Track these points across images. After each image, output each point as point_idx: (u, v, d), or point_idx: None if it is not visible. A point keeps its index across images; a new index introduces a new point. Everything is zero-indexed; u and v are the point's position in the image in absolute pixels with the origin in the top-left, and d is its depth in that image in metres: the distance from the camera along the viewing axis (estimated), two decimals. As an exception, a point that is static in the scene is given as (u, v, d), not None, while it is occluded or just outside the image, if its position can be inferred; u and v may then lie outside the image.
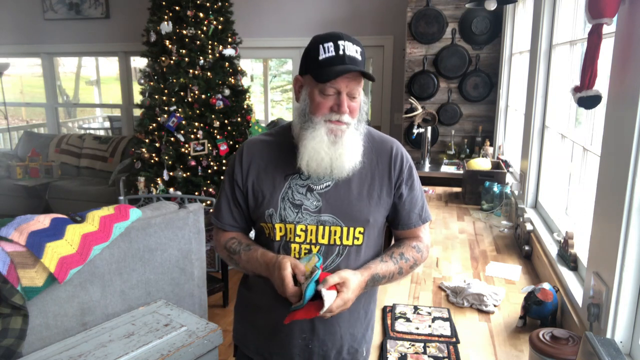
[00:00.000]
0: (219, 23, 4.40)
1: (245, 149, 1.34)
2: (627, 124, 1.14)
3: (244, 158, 1.32)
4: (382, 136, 1.36)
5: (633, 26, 1.14)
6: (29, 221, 2.25)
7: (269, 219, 1.27)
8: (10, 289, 2.02)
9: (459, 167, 3.90)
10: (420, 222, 1.36)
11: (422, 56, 4.25)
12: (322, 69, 1.18)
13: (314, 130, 1.21)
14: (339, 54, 1.18)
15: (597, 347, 0.99)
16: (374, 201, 1.29)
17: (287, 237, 1.27)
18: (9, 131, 6.68)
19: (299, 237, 1.26)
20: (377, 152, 1.31)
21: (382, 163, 1.31)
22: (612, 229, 1.20)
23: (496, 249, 2.22)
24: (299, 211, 1.26)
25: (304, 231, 1.26)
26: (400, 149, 1.35)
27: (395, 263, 1.31)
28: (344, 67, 1.17)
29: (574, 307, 1.48)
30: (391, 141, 1.36)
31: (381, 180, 1.30)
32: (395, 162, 1.31)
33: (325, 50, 1.19)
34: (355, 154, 1.23)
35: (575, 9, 2.10)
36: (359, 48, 1.23)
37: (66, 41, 6.08)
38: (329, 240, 1.26)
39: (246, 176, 1.31)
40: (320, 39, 1.22)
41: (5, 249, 2.09)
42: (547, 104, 2.34)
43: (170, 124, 4.25)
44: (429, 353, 1.38)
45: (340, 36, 1.21)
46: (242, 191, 1.32)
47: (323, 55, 1.19)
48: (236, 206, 1.34)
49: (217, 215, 1.38)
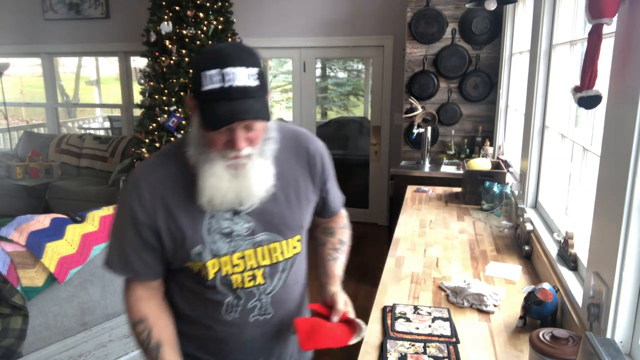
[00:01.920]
0: (219, 23, 4.41)
1: (142, 181, 1.10)
2: (627, 124, 1.14)
3: (144, 193, 1.08)
4: (296, 133, 1.25)
5: (633, 26, 1.14)
6: (29, 221, 2.25)
7: (197, 257, 1.11)
8: (10, 289, 2.02)
9: (459, 167, 3.90)
10: (341, 203, 1.39)
11: (422, 56, 4.25)
12: (207, 105, 0.99)
13: (211, 166, 1.05)
14: (224, 86, 0.97)
15: (597, 347, 0.99)
16: (303, 204, 1.23)
17: (223, 272, 1.14)
18: (9, 131, 6.68)
19: (238, 267, 1.15)
20: (295, 153, 1.22)
21: (301, 163, 1.22)
22: (612, 229, 1.20)
23: (496, 249, 2.22)
24: (231, 239, 1.13)
25: (242, 258, 1.15)
26: (316, 144, 1.26)
27: (342, 253, 1.40)
28: (230, 109, 0.97)
29: (574, 307, 1.48)
30: (306, 139, 1.26)
31: (305, 181, 1.23)
32: (315, 162, 1.24)
33: (208, 80, 0.97)
34: (264, 180, 1.09)
35: (575, 9, 2.10)
36: (254, 70, 1.00)
37: (66, 41, 6.08)
38: (270, 259, 1.18)
39: (153, 214, 1.09)
40: (204, 63, 0.99)
41: (5, 249, 2.09)
42: (547, 104, 2.34)
43: (170, 124, 4.25)
44: (429, 353, 1.38)
45: (226, 60, 0.97)
46: (152, 232, 1.10)
47: (206, 86, 0.98)
48: (147, 250, 1.12)
49: (122, 264, 1.13)
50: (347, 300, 1.25)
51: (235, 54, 0.99)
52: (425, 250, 2.19)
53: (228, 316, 1.19)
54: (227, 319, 1.20)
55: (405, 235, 2.39)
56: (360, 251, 4.68)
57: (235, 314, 1.20)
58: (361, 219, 5.51)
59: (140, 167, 1.15)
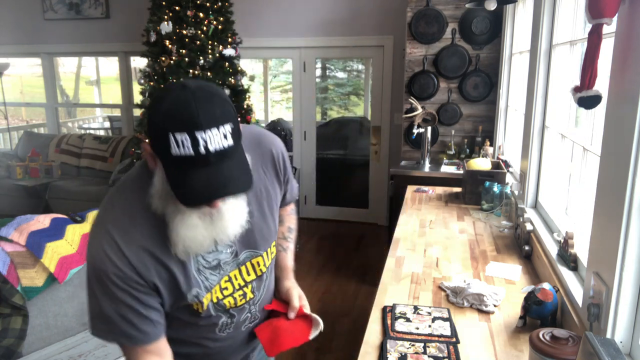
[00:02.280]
0: (219, 23, 4.41)
1: (121, 242, 0.97)
2: (627, 124, 1.14)
3: (128, 254, 0.97)
4: (257, 137, 1.19)
5: (633, 26, 1.14)
6: (29, 221, 2.25)
7: (195, 299, 1.07)
8: (10, 289, 2.02)
9: (459, 167, 3.90)
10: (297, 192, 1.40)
11: (422, 56, 4.25)
12: (178, 171, 0.88)
13: (180, 215, 0.96)
14: (199, 153, 0.85)
15: (597, 347, 0.99)
16: (275, 211, 1.22)
17: (214, 300, 1.11)
18: (9, 131, 6.68)
19: (227, 290, 1.12)
20: (260, 159, 1.17)
21: (268, 168, 1.19)
22: (612, 229, 1.20)
23: (496, 249, 2.22)
24: (219, 269, 1.10)
25: (229, 281, 1.12)
26: (277, 144, 1.21)
27: (292, 241, 1.42)
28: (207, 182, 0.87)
29: (574, 307, 1.48)
30: (268, 141, 1.20)
31: (273, 187, 1.21)
32: (280, 164, 1.21)
33: (178, 145, 0.84)
34: (240, 217, 1.02)
35: (575, 9, 2.10)
36: (228, 127, 0.88)
37: (66, 41, 6.08)
38: (255, 273, 1.18)
39: (146, 274, 0.99)
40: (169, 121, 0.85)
41: (5, 249, 2.09)
42: (547, 104, 2.34)
43: (170, 124, 4.25)
44: (429, 353, 1.38)
45: (196, 121, 0.84)
46: (149, 289, 1.01)
47: (176, 150, 0.85)
48: (151, 309, 1.02)
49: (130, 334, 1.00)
50: (301, 294, 1.29)
51: (204, 109, 0.85)
52: (425, 250, 2.19)
53: (223, 334, 1.19)
54: (222, 335, 1.19)
55: (405, 235, 2.39)
56: (360, 251, 4.68)
57: (229, 330, 1.19)
58: (361, 219, 5.51)
59: (108, 224, 0.98)
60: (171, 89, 0.89)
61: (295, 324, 1.22)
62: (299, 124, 5.50)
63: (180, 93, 0.87)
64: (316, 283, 3.96)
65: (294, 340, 1.19)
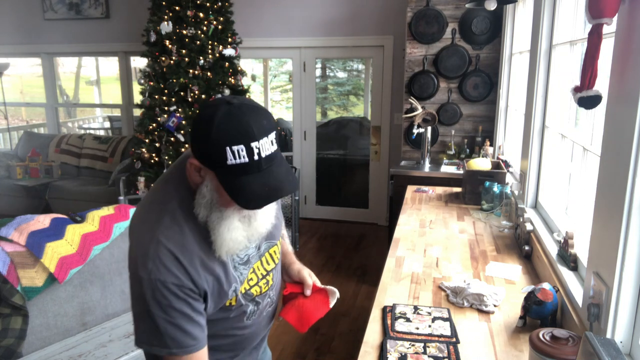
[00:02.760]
0: (219, 23, 4.41)
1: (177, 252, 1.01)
2: (627, 124, 1.14)
3: (185, 263, 1.02)
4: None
5: (633, 26, 1.14)
6: (29, 221, 2.25)
7: (233, 293, 1.13)
8: (10, 289, 2.02)
9: (459, 167, 3.90)
10: None
11: (422, 56, 4.25)
12: (234, 178, 0.96)
13: (225, 220, 1.03)
14: (253, 160, 0.94)
15: (597, 347, 0.99)
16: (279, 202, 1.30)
17: (243, 291, 1.16)
18: (9, 131, 6.69)
19: (252, 280, 1.19)
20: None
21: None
22: (612, 229, 1.20)
23: (496, 249, 2.22)
24: (249, 263, 1.17)
25: (253, 272, 1.19)
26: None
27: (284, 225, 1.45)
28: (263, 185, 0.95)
29: (574, 307, 1.48)
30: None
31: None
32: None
33: (235, 155, 0.93)
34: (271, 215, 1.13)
35: (575, 9, 2.10)
36: (273, 134, 0.98)
37: (66, 41, 6.08)
38: (274, 261, 1.27)
39: (199, 281, 1.04)
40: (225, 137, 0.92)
41: (5, 249, 2.09)
42: (547, 104, 2.34)
43: (170, 124, 4.25)
44: (429, 353, 1.38)
45: (251, 134, 0.93)
46: (200, 297, 1.06)
47: (232, 161, 0.93)
48: (200, 315, 1.07)
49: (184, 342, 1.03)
50: (310, 272, 1.38)
51: (257, 123, 0.94)
52: (425, 250, 2.19)
53: (249, 321, 1.24)
54: (249, 323, 1.25)
55: (405, 235, 2.39)
56: (360, 251, 4.68)
57: (255, 317, 1.25)
58: (361, 219, 5.51)
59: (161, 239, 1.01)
60: (217, 106, 0.96)
61: (314, 298, 1.32)
62: (299, 124, 5.50)
63: (229, 109, 0.95)
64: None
65: (318, 312, 1.30)
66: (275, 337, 3.14)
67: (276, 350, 3.00)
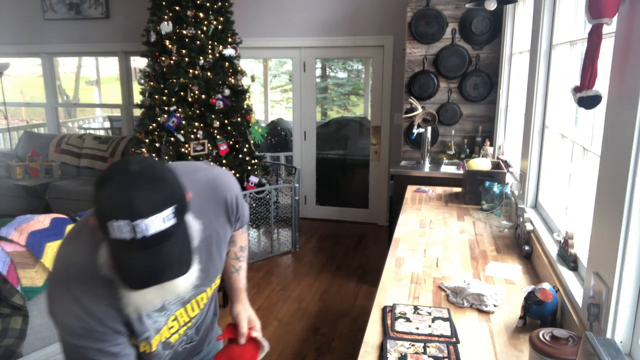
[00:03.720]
0: (219, 23, 4.41)
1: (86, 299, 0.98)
2: (627, 124, 1.14)
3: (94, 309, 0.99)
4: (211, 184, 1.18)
5: (633, 26, 1.14)
6: (29, 221, 2.25)
7: (144, 341, 1.10)
8: (10, 289, 2.02)
9: (459, 167, 3.90)
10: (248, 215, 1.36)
11: (422, 56, 4.25)
12: (118, 253, 0.89)
13: None
14: (136, 238, 0.85)
15: (597, 347, 0.99)
16: (223, 249, 1.23)
17: (163, 339, 1.15)
18: (9, 131, 6.68)
19: (173, 328, 1.16)
20: (213, 206, 1.17)
21: (220, 213, 1.19)
22: (612, 229, 1.20)
23: (496, 249, 2.22)
24: (165, 310, 1.12)
25: (175, 320, 1.16)
26: (231, 190, 1.21)
27: (244, 259, 1.43)
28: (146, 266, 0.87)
29: (574, 307, 1.48)
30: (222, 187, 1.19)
31: (224, 229, 1.22)
32: (233, 208, 1.21)
33: (117, 231, 0.85)
34: (191, 278, 1.00)
35: (575, 9, 2.10)
36: (169, 210, 0.88)
37: (66, 41, 6.08)
38: (199, 307, 1.23)
39: (111, 324, 1.02)
40: (108, 209, 0.86)
41: (5, 249, 2.09)
42: (547, 104, 2.34)
43: (170, 124, 4.25)
44: (429, 353, 1.38)
45: (136, 210, 0.85)
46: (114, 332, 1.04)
47: (114, 235, 0.86)
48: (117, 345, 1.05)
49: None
50: (251, 316, 1.34)
51: (143, 198, 0.85)
52: (425, 250, 2.19)
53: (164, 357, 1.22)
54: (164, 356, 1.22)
55: (405, 235, 2.39)
56: (360, 251, 4.68)
57: (169, 356, 1.23)
58: (361, 219, 5.52)
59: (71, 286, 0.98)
60: (113, 173, 0.89)
61: (245, 348, 1.28)
62: (299, 124, 5.50)
63: (121, 179, 0.87)
64: (316, 283, 3.96)
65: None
66: (275, 337, 3.14)
67: (276, 350, 3.00)
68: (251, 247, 4.65)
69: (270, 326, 3.27)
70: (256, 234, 5.00)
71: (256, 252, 4.56)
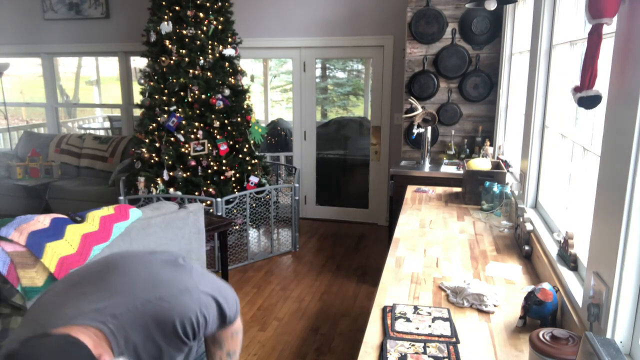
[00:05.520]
0: (219, 23, 4.41)
1: None
2: (627, 124, 1.14)
3: None
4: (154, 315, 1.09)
5: (633, 26, 1.14)
6: (29, 221, 2.25)
7: None
8: (10, 289, 2.02)
9: (459, 167, 3.90)
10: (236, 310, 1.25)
11: (422, 56, 4.25)
12: None
13: None
14: None
15: (597, 347, 0.99)
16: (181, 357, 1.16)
17: None
18: (9, 131, 6.69)
19: None
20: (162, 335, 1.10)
21: (172, 340, 1.11)
22: (612, 229, 1.20)
23: (496, 249, 2.22)
24: None
25: None
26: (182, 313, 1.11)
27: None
28: None
29: (574, 307, 1.48)
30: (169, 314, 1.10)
31: (180, 348, 1.14)
32: (187, 330, 1.11)
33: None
34: None
35: (575, 9, 2.10)
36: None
37: (66, 41, 6.08)
38: None
39: None
40: None
41: (5, 249, 2.09)
42: (547, 104, 2.34)
43: (170, 124, 4.25)
44: (429, 353, 1.37)
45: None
46: None
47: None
48: None
49: None
50: None
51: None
52: (425, 250, 2.19)
53: None
54: None
55: (405, 235, 2.39)
56: (360, 251, 4.68)
57: None
58: (361, 219, 5.52)
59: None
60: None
61: None
62: (299, 124, 5.50)
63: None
64: (316, 283, 3.96)
65: None
66: (275, 337, 3.14)
67: (276, 350, 3.00)
68: (251, 247, 4.65)
69: (270, 326, 3.27)
70: (256, 234, 5.00)
71: (256, 252, 4.57)
